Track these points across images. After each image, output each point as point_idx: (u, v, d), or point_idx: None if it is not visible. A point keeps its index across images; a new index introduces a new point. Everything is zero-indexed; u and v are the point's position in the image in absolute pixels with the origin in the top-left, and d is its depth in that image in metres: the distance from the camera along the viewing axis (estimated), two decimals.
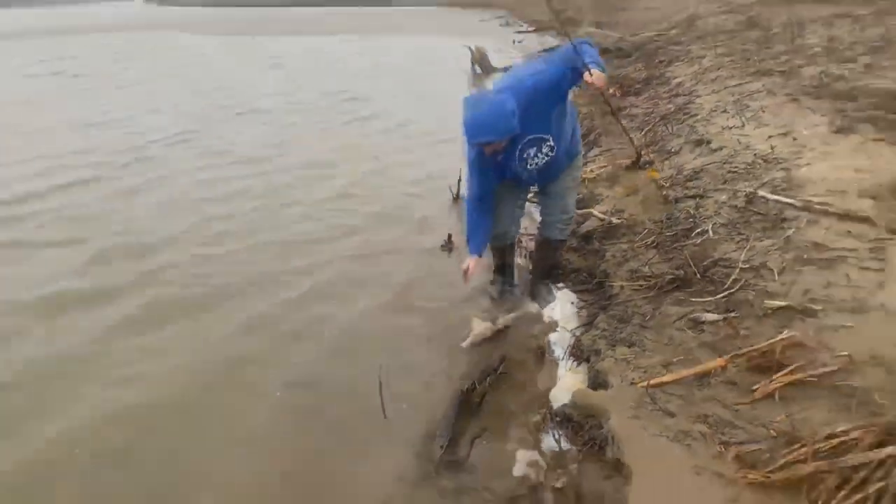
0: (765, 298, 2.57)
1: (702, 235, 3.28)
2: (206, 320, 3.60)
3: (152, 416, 2.81)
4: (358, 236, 4.76)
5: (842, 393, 2.04)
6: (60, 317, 3.67)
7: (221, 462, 2.54)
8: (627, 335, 2.83)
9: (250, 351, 3.27)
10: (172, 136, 8.14)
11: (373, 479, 2.40)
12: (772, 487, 1.85)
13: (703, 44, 8.72)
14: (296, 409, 2.83)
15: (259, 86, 11.95)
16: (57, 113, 9.95)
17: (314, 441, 2.64)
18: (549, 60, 2.95)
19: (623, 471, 2.11)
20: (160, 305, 3.76)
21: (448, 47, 14.61)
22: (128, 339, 3.42)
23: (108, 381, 3.07)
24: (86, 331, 3.51)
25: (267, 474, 2.47)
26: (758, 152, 4.01)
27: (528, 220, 4.62)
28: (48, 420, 2.79)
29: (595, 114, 6.82)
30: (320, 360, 3.20)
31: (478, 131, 2.67)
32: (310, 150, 7.31)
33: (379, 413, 2.71)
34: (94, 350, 3.33)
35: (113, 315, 3.65)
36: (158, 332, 3.47)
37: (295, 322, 3.55)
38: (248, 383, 3.02)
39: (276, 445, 2.62)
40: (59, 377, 3.13)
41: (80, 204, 5.66)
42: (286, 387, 2.97)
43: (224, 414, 2.82)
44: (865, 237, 2.70)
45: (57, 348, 3.36)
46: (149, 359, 3.23)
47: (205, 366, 3.16)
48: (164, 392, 2.97)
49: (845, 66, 5.47)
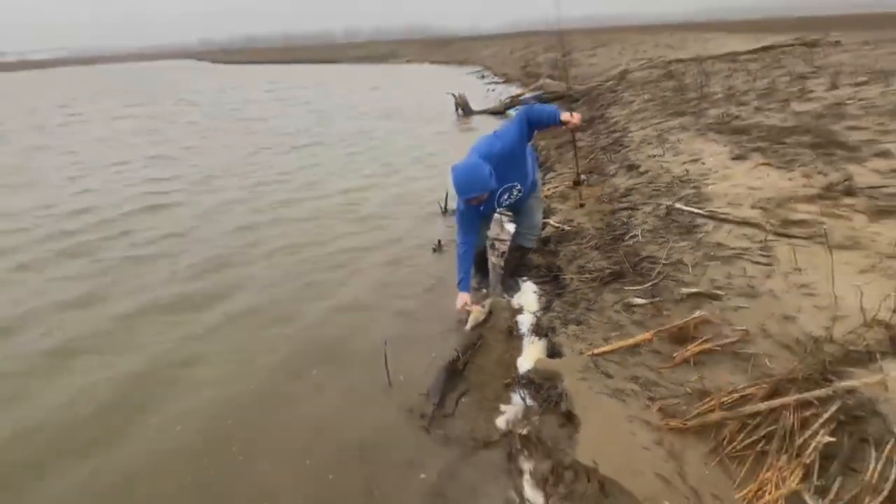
0: (681, 286, 2.58)
1: (633, 239, 3.29)
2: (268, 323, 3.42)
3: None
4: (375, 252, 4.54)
5: (740, 358, 2.06)
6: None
7: (276, 417, 2.53)
8: (576, 316, 2.83)
9: (289, 342, 3.15)
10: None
11: (378, 431, 2.38)
12: (687, 432, 1.86)
13: (633, 91, 8.78)
14: (320, 381, 2.79)
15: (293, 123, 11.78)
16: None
17: (332, 402, 2.61)
18: (511, 123, 2.99)
19: (574, 420, 2.11)
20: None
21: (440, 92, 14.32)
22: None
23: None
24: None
25: (294, 426, 2.46)
26: (675, 174, 4.02)
27: (498, 228, 4.65)
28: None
29: (550, 147, 6.84)
30: (342, 340, 3.15)
31: (466, 189, 2.79)
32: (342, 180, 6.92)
33: (384, 380, 2.70)
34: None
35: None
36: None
37: (326, 318, 3.43)
38: (292, 370, 2.90)
39: (305, 407, 2.59)
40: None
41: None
42: (319, 364, 2.93)
43: (275, 392, 2.72)
44: (756, 239, 2.71)
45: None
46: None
47: (265, 359, 3.00)
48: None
49: (741, 108, 5.53)
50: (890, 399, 1.50)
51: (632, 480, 1.72)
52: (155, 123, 12.86)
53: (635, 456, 1.81)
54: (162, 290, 3.88)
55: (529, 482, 2.01)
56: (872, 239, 2.50)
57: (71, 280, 4.09)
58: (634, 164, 4.69)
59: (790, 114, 4.95)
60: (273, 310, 3.54)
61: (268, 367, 2.90)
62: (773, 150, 4.01)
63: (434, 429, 2.36)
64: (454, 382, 2.66)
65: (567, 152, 6.56)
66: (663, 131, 5.36)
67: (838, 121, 4.43)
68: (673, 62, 11.06)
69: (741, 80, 7.37)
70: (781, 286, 2.26)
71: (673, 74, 9.03)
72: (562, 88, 11.31)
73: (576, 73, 14.82)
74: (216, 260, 4.37)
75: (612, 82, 10.63)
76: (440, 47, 43.73)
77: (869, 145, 3.74)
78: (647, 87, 8.23)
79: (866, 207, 2.84)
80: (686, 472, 1.72)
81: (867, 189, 3.03)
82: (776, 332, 2.07)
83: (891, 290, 2.01)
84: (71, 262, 4.45)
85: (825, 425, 1.56)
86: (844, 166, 3.41)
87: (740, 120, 5.03)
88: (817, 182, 3.25)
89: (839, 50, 10.56)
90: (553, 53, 21.42)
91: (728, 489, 1.64)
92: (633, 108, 7.30)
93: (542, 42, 27.11)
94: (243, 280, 4.00)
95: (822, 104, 5.07)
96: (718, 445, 1.77)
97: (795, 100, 5.49)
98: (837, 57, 8.86)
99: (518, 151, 2.96)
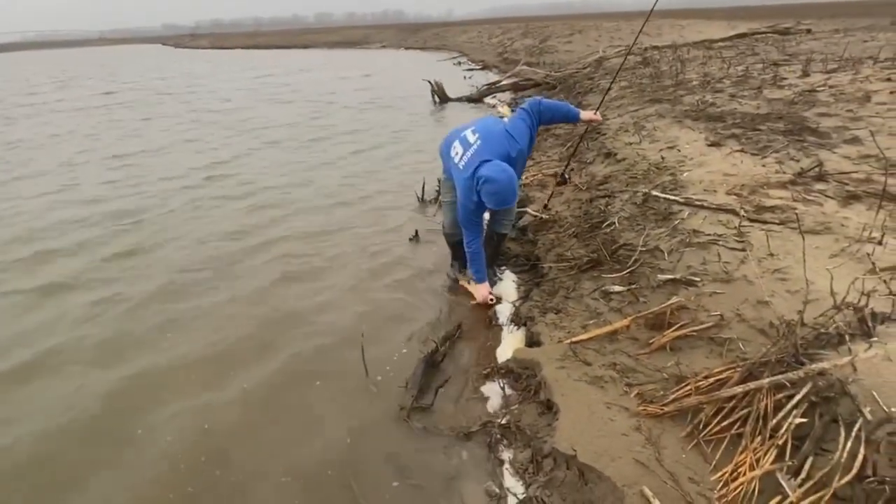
0: (658, 273, 2.61)
1: (611, 226, 3.31)
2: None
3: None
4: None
5: (716, 343, 2.10)
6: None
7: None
8: (555, 304, 2.85)
9: (261, 334, 3.12)
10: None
11: (357, 424, 2.36)
12: (665, 416, 1.90)
13: (609, 78, 8.82)
14: (296, 375, 2.74)
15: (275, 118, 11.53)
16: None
17: (309, 396, 2.58)
18: (521, 121, 2.97)
19: (553, 408, 2.13)
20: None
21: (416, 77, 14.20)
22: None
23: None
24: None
25: (270, 421, 2.41)
26: (652, 162, 4.06)
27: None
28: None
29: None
30: (317, 333, 3.10)
31: (511, 200, 2.79)
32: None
33: (362, 373, 2.67)
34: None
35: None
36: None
37: (300, 311, 3.38)
38: (265, 364, 2.84)
39: (281, 401, 2.55)
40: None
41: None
42: (294, 357, 2.88)
43: (249, 387, 2.68)
44: (731, 225, 2.75)
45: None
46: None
47: (238, 355, 2.93)
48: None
49: (716, 96, 5.61)
50: (859, 379, 1.55)
51: (610, 466, 1.75)
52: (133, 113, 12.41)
53: (614, 442, 1.84)
54: (160, 277, 3.82)
55: (509, 471, 2.03)
56: (842, 224, 2.58)
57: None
58: (612, 152, 4.73)
59: (763, 101, 5.05)
60: (246, 301, 3.48)
61: (239, 363, 2.85)
62: (747, 136, 4.08)
63: (413, 420, 2.35)
64: (433, 374, 2.66)
65: (544, 140, 6.59)
66: (640, 118, 5.41)
67: (810, 108, 4.54)
68: (650, 49, 11.15)
69: (716, 68, 7.49)
70: (755, 271, 2.30)
71: (649, 61, 9.11)
72: (539, 76, 11.34)
73: (552, 59, 14.86)
74: (186, 262, 4.27)
75: (589, 69, 10.69)
76: (415, 32, 43.24)
77: (839, 132, 3.84)
78: (624, 75, 8.28)
79: (836, 193, 2.93)
80: (663, 456, 1.75)
81: (837, 175, 3.11)
82: (750, 317, 2.11)
83: (860, 273, 2.08)
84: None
85: (797, 406, 1.60)
86: (816, 153, 3.51)
87: (715, 107, 5.11)
88: (789, 168, 3.33)
89: (810, 38, 10.84)
90: (530, 40, 21.43)
91: (704, 472, 1.68)
92: (609, 96, 7.34)
93: (520, 28, 27.08)
94: (213, 269, 3.94)
95: (794, 91, 5.19)
96: (695, 429, 1.81)
97: (769, 87, 5.60)
98: (809, 45, 9.08)
99: (528, 152, 3.01)
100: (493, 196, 2.72)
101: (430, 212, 4.97)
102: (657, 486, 1.64)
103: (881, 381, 1.54)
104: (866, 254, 2.24)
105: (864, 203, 2.79)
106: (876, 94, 4.58)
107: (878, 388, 1.52)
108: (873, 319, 1.77)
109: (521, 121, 2.97)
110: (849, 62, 6.25)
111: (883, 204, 2.61)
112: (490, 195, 2.72)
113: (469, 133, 2.94)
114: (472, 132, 2.93)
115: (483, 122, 3.03)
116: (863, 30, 11.53)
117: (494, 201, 2.75)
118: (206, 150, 7.98)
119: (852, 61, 6.28)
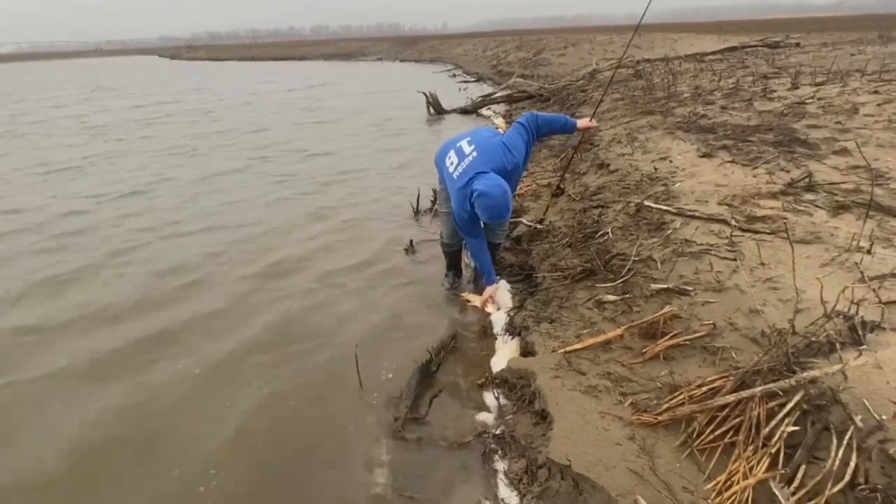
0: (651, 282, 2.62)
1: (604, 236, 3.33)
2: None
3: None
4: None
5: (709, 352, 2.11)
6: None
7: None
8: (549, 314, 2.86)
9: (255, 347, 3.14)
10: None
11: (351, 435, 2.35)
12: (659, 426, 1.90)
13: (602, 90, 8.90)
14: (289, 386, 2.73)
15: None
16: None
17: (301, 407, 2.56)
18: (518, 134, 2.98)
19: (547, 418, 2.13)
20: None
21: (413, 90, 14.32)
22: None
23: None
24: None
25: (262, 434, 2.39)
26: (644, 172, 4.09)
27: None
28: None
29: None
30: (311, 344, 3.10)
31: (505, 214, 2.78)
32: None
33: (356, 384, 2.66)
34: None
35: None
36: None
37: (292, 321, 3.40)
38: (259, 376, 2.89)
39: (273, 414, 2.54)
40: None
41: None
42: (288, 369, 2.88)
43: (241, 400, 2.69)
44: (723, 234, 2.77)
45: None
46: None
47: (230, 365, 3.01)
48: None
49: (707, 107, 5.68)
50: (850, 388, 1.57)
51: (605, 476, 1.75)
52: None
53: (608, 451, 1.84)
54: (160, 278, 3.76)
55: (504, 482, 2.02)
56: (832, 233, 2.61)
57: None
58: (605, 163, 4.76)
59: (754, 112, 5.11)
60: (235, 313, 3.47)
61: (233, 372, 2.83)
62: (737, 147, 4.13)
63: (407, 431, 2.34)
64: (427, 384, 2.65)
65: (538, 151, 6.64)
66: (632, 130, 5.46)
67: (799, 119, 4.60)
68: (642, 62, 11.29)
69: (707, 80, 7.58)
70: (747, 280, 2.32)
71: (642, 74, 9.21)
72: (533, 88, 11.45)
73: (546, 72, 15.01)
74: (176, 261, 4.25)
75: (582, 81, 10.80)
76: (410, 45, 43.58)
77: (828, 143, 3.90)
78: (617, 87, 8.36)
79: (826, 203, 2.97)
80: (658, 465, 1.75)
81: (826, 185, 3.16)
82: (742, 326, 2.13)
83: (849, 282, 2.10)
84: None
85: (789, 415, 1.61)
86: (805, 163, 3.55)
87: (707, 119, 5.17)
88: (780, 179, 3.37)
89: (799, 51, 11.01)
90: (524, 53, 21.65)
91: (698, 481, 1.68)
92: (602, 107, 7.41)
93: (514, 41, 27.35)
94: (205, 281, 3.93)
95: (783, 103, 5.26)
96: (689, 438, 1.81)
97: (759, 99, 5.68)
98: (798, 58, 9.22)
99: (524, 167, 3.04)
100: (486, 210, 2.71)
101: (424, 222, 4.98)
102: (651, 495, 1.64)
103: (872, 388, 1.55)
104: (855, 263, 2.26)
105: (853, 213, 2.82)
106: (863, 107, 4.65)
107: (869, 395, 1.53)
108: (863, 328, 1.79)
109: (517, 135, 2.97)
110: (837, 75, 6.35)
111: (871, 214, 2.65)
112: (484, 209, 2.72)
113: (465, 143, 2.94)
114: (468, 143, 2.93)
115: (478, 132, 3.04)
116: (850, 43, 11.73)
117: (488, 215, 2.75)
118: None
119: (840, 74, 6.38)
